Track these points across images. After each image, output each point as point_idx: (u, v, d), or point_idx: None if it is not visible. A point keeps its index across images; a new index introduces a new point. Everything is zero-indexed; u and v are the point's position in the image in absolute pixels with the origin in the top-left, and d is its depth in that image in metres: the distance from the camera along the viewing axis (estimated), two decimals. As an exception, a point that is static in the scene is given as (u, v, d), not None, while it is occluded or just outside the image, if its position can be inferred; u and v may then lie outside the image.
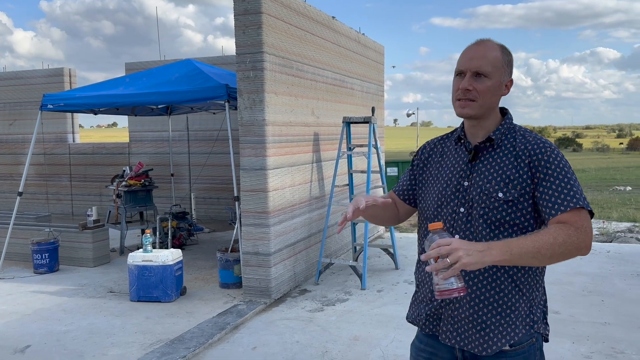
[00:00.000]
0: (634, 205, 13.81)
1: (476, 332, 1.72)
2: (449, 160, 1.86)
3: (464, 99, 1.74)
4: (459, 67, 1.76)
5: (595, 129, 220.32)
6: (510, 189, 1.68)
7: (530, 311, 1.74)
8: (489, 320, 1.71)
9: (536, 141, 1.72)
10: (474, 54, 1.74)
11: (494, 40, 1.78)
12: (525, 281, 1.72)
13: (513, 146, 1.74)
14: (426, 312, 1.84)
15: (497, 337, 1.71)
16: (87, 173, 11.18)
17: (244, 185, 5.31)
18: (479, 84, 1.72)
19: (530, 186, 1.68)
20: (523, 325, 1.72)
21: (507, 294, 1.70)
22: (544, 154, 1.68)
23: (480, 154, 1.78)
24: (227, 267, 5.77)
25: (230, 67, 8.32)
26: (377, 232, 8.78)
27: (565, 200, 1.62)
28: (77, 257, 6.87)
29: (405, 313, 5.27)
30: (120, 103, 6.54)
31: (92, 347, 4.30)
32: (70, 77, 11.27)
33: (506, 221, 1.68)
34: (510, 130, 1.78)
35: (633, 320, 4.74)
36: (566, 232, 1.57)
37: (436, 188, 1.85)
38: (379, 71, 8.92)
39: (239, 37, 5.14)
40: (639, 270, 6.44)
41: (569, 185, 1.64)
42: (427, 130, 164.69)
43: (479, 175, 1.75)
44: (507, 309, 1.70)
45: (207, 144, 10.15)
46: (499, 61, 1.74)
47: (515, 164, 1.70)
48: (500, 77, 1.74)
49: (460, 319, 1.74)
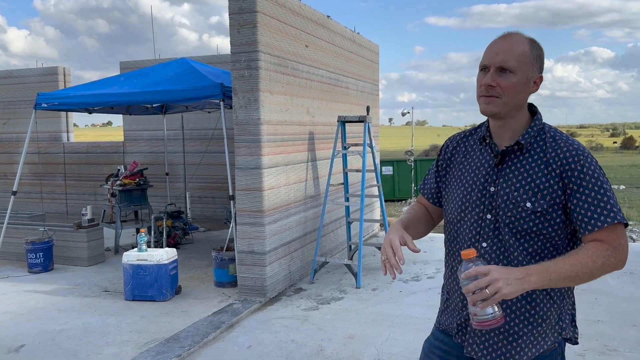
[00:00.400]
0: (627, 203, 13.89)
1: (507, 343, 1.66)
2: (473, 161, 1.75)
3: (487, 95, 1.62)
4: (483, 61, 1.65)
5: (590, 128, 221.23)
6: (539, 199, 1.59)
7: (559, 318, 1.69)
8: (520, 330, 1.65)
9: (568, 147, 1.61)
10: (499, 48, 1.62)
11: (522, 34, 1.66)
12: (557, 289, 1.66)
13: (543, 151, 1.63)
14: (457, 322, 1.77)
15: (527, 347, 1.65)
16: (81, 172, 11.15)
17: (239, 184, 5.31)
18: (503, 79, 1.60)
19: (561, 197, 1.59)
20: (552, 332, 1.67)
21: (539, 303, 1.65)
22: (577, 163, 1.58)
23: (507, 158, 1.67)
24: (222, 266, 5.77)
25: (225, 66, 8.32)
26: (372, 231, 8.80)
27: (602, 215, 1.55)
28: (72, 256, 6.85)
29: (400, 312, 5.29)
30: (115, 102, 6.53)
31: (87, 347, 4.29)
32: (65, 76, 11.22)
33: (533, 231, 1.60)
34: (540, 133, 1.67)
35: (626, 318, 4.77)
36: (604, 253, 1.53)
37: (460, 191, 1.75)
38: (374, 70, 8.93)
39: (234, 36, 5.14)
40: (632, 268, 6.48)
41: (605, 198, 1.56)
42: (422, 129, 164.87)
43: (505, 182, 1.65)
44: (539, 318, 1.65)
45: (202, 143, 10.14)
46: (526, 56, 1.61)
47: (546, 172, 1.60)
48: (527, 73, 1.62)
49: (490, 330, 1.67)
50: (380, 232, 8.99)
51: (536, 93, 1.72)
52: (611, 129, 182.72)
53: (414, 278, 6.14)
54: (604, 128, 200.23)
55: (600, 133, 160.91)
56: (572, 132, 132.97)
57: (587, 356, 4.00)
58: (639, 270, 6.36)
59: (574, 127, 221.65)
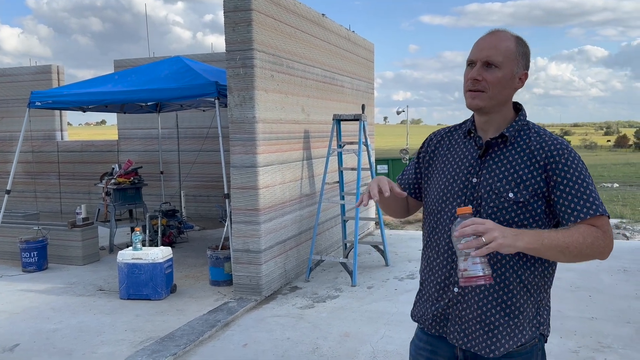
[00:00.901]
0: (621, 201, 13.96)
1: (484, 333, 1.67)
2: (457, 154, 1.79)
3: (473, 89, 1.67)
4: (470, 56, 1.70)
5: (583, 126, 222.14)
6: (522, 190, 1.62)
7: (537, 312, 1.70)
8: (497, 321, 1.66)
9: (552, 141, 1.66)
10: (486, 44, 1.67)
11: (509, 31, 1.71)
12: (533, 282, 1.68)
13: (527, 145, 1.67)
14: (432, 312, 1.78)
15: (504, 338, 1.66)
16: (75, 171, 11.10)
17: (234, 183, 5.31)
18: (489, 74, 1.65)
19: (543, 188, 1.62)
20: (530, 327, 1.68)
21: (516, 294, 1.66)
22: (561, 156, 1.62)
23: (491, 150, 1.71)
24: (217, 265, 5.76)
25: (220, 64, 8.30)
26: (367, 229, 8.81)
27: (585, 207, 1.58)
28: (66, 255, 6.83)
29: (395, 309, 5.30)
30: (109, 100, 6.50)
31: (82, 346, 4.28)
32: (59, 75, 11.17)
33: (515, 222, 1.62)
34: (524, 128, 1.71)
35: (619, 315, 4.80)
36: (595, 234, 1.56)
37: (441, 182, 1.78)
38: (369, 69, 8.94)
39: (229, 34, 5.13)
40: (625, 265, 6.52)
41: (588, 191, 1.59)
42: (417, 127, 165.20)
43: (489, 173, 1.68)
44: (516, 310, 1.66)
45: (197, 142, 10.11)
46: (512, 52, 1.66)
47: (529, 164, 1.64)
48: (513, 68, 1.66)
49: (468, 319, 1.69)
50: (376, 230, 9.00)
51: (530, 92, 1.74)
52: (605, 127, 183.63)
53: (409, 276, 6.15)
54: (597, 126, 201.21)
55: (594, 131, 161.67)
56: (566, 131, 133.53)
57: (581, 353, 4.03)
58: (632, 268, 6.40)
59: (568, 125, 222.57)
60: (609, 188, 18.27)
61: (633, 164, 31.88)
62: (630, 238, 8.73)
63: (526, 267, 1.65)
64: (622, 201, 14.04)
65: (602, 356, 3.97)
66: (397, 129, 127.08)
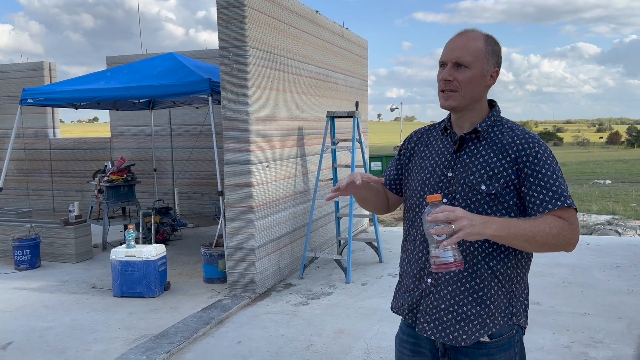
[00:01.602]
0: (613, 198, 14.05)
1: (455, 322, 1.72)
2: (434, 150, 1.85)
3: (446, 89, 1.73)
4: (442, 58, 1.76)
5: (576, 123, 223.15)
6: (494, 182, 1.67)
7: (510, 303, 1.74)
8: (469, 311, 1.71)
9: (524, 135, 1.71)
10: (455, 44, 1.73)
11: (479, 30, 1.76)
12: (504, 273, 1.71)
13: (499, 139, 1.72)
14: (408, 303, 1.84)
15: (475, 327, 1.70)
16: (68, 168, 11.04)
17: (227, 180, 5.30)
18: (460, 74, 1.70)
19: (514, 181, 1.67)
20: (502, 316, 1.72)
21: (487, 285, 1.70)
22: (532, 149, 1.67)
23: (465, 145, 1.76)
24: (211, 262, 5.75)
25: (213, 61, 8.27)
26: (361, 226, 8.82)
27: (554, 199, 1.63)
28: (59, 253, 6.79)
29: (389, 306, 5.31)
30: (101, 97, 6.47)
31: (75, 343, 4.27)
32: (51, 71, 11.10)
33: (487, 214, 1.67)
34: (497, 123, 1.77)
35: (611, 311, 4.84)
36: (561, 225, 1.60)
37: (420, 177, 1.84)
38: (363, 66, 8.94)
39: (222, 31, 5.11)
40: (617, 261, 6.57)
41: (557, 183, 1.64)
42: (411, 125, 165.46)
43: (463, 167, 1.74)
44: (487, 299, 1.70)
45: (190, 139, 10.08)
46: (481, 51, 1.71)
47: (501, 157, 1.69)
48: (483, 67, 1.72)
49: (440, 309, 1.74)
50: (370, 227, 9.02)
51: (523, 89, 1.77)
52: (597, 124, 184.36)
53: (403, 273, 6.17)
54: (590, 123, 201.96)
55: (586, 128, 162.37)
56: (559, 128, 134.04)
57: (574, 348, 4.05)
58: (624, 264, 6.45)
59: (561, 122, 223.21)
60: (602, 185, 18.37)
61: (625, 161, 32.08)
62: (622, 234, 8.79)
63: (498, 257, 1.70)
64: (615, 198, 14.12)
65: (595, 351, 4.00)
66: (391, 126, 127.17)
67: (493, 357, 1.73)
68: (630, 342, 4.15)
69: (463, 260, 1.53)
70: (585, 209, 11.65)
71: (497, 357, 1.73)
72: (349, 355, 4.00)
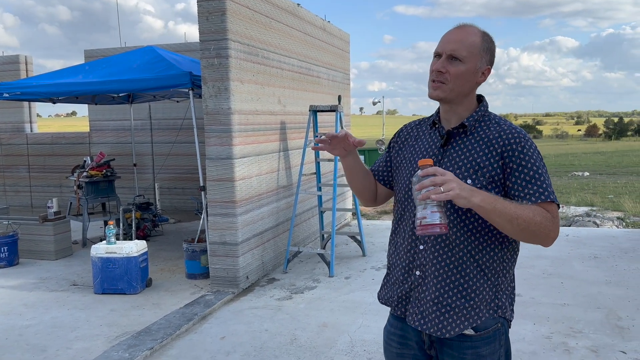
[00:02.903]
0: (591, 190, 14.28)
1: (440, 314, 1.74)
2: (422, 144, 1.86)
3: (436, 80, 1.74)
4: (437, 49, 1.76)
5: (555, 116, 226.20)
6: (480, 177, 1.68)
7: (495, 296, 1.75)
8: (453, 303, 1.72)
9: (510, 130, 1.72)
10: (452, 37, 1.74)
11: (476, 26, 1.77)
12: (490, 266, 1.73)
13: (486, 134, 1.74)
14: (398, 294, 1.85)
15: (460, 319, 1.72)
16: (46, 164, 10.86)
17: (210, 175, 5.25)
18: (452, 67, 1.71)
19: (500, 175, 1.68)
20: (487, 309, 1.74)
21: (472, 277, 1.72)
22: (517, 144, 1.68)
23: (452, 140, 1.78)
24: (193, 258, 5.71)
25: (194, 54, 8.19)
26: (344, 220, 8.83)
27: (538, 192, 1.64)
28: (38, 250, 6.68)
29: (372, 299, 5.32)
30: (79, 91, 6.35)
31: (56, 342, 4.21)
32: (27, 65, 10.90)
33: None
34: (484, 118, 1.78)
35: (590, 301, 4.92)
36: (545, 215, 1.62)
37: (408, 170, 1.85)
38: (345, 59, 8.92)
39: (203, 24, 5.06)
40: (596, 252, 6.68)
41: (542, 178, 1.66)
42: (393, 118, 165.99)
43: (449, 161, 1.75)
44: (472, 292, 1.72)
45: (171, 133, 9.98)
46: (477, 47, 1.73)
47: (487, 152, 1.70)
48: (476, 63, 1.73)
49: (426, 301, 1.76)
50: (353, 221, 9.04)
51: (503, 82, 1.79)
52: (576, 117, 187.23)
53: (385, 266, 6.19)
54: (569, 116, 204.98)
55: (565, 121, 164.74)
56: (538, 120, 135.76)
57: (554, 338, 4.12)
58: (603, 255, 6.56)
59: (540, 115, 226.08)
60: (580, 177, 18.66)
61: (603, 153, 32.62)
62: (600, 225, 8.94)
63: (484, 250, 1.72)
64: (593, 189, 14.36)
65: (574, 341, 4.06)
66: (373, 119, 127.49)
67: (478, 350, 1.74)
68: (609, 331, 4.23)
69: (448, 225, 1.55)
70: (564, 201, 11.82)
71: (482, 350, 1.74)
72: (333, 349, 4.01)
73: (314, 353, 3.95)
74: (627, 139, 62.39)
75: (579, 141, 59.89)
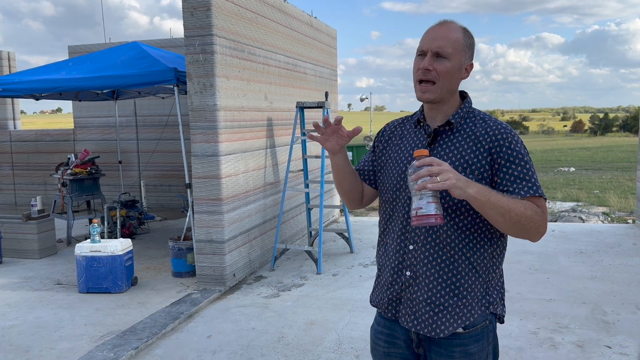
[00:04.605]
0: (577, 185, 14.40)
1: (433, 314, 1.73)
2: (408, 143, 1.84)
3: (424, 79, 1.71)
4: (421, 46, 1.74)
5: (541, 112, 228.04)
6: (469, 174, 1.67)
7: (486, 292, 1.75)
8: (446, 302, 1.71)
9: (497, 126, 1.72)
10: (437, 34, 1.71)
11: (457, 22, 1.76)
12: (482, 262, 1.73)
13: (473, 130, 1.73)
14: (388, 296, 1.83)
15: (453, 318, 1.72)
16: (30, 161, 10.72)
17: (195, 172, 5.20)
18: (439, 64, 1.70)
19: (488, 171, 1.68)
20: (479, 306, 1.74)
21: (465, 275, 1.71)
22: (505, 140, 1.68)
23: (439, 138, 1.76)
24: (179, 256, 5.66)
25: (179, 50, 8.10)
26: (332, 217, 8.82)
27: (526, 187, 1.65)
28: (22, 248, 6.59)
29: (360, 296, 5.32)
30: (63, 88, 6.25)
31: (40, 342, 4.15)
32: (10, 61, 10.73)
33: (463, 205, 1.67)
34: (470, 114, 1.77)
35: (576, 296, 4.95)
36: (535, 209, 1.63)
37: (394, 171, 1.83)
38: (332, 55, 8.89)
39: (187, 20, 5.00)
40: (581, 248, 6.73)
41: (530, 173, 1.67)
42: (381, 114, 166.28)
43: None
44: (464, 290, 1.71)
45: (157, 130, 9.89)
46: (460, 43, 1.72)
47: (475, 149, 1.70)
48: (461, 59, 1.72)
49: (418, 302, 1.75)
50: (341, 217, 9.03)
51: (489, 78, 1.78)
52: (562, 113, 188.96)
53: (373, 262, 6.19)
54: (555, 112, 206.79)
55: (551, 117, 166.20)
56: (524, 117, 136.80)
57: (540, 334, 4.13)
58: (588, 250, 6.61)
59: (527, 111, 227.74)
60: (566, 172, 18.82)
61: (588, 149, 32.93)
62: (586, 221, 9.02)
63: (475, 248, 1.72)
64: (579, 185, 14.48)
65: (560, 336, 4.08)
66: (361, 115, 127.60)
67: (467, 347, 1.73)
68: (594, 326, 4.26)
69: (443, 215, 1.54)
70: (550, 196, 11.91)
71: (471, 347, 1.74)
72: (321, 347, 3.99)
73: (301, 351, 3.93)
74: (612, 134, 63.09)
75: (565, 137, 60.44)
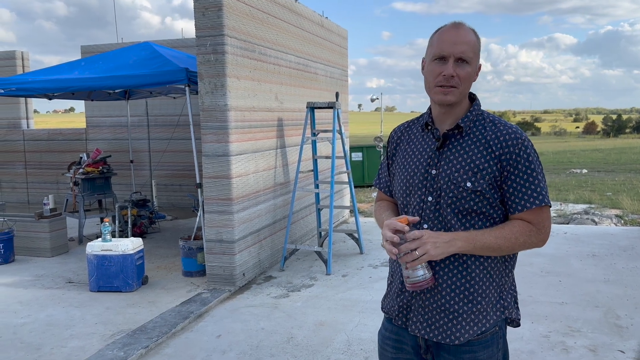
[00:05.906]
0: (589, 187, 14.26)
1: (448, 321, 1.70)
2: (416, 147, 1.81)
3: (447, 85, 1.67)
4: (441, 51, 1.66)
5: (553, 113, 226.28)
6: (479, 179, 1.65)
7: (500, 297, 1.73)
8: (460, 309, 1.69)
9: (507, 131, 1.68)
10: (457, 38, 1.66)
11: (466, 23, 1.73)
12: (495, 267, 1.71)
13: (483, 135, 1.70)
14: (398, 304, 1.81)
15: (469, 325, 1.69)
16: (42, 160, 10.81)
17: (206, 172, 5.22)
18: (461, 70, 1.66)
19: (497, 178, 1.66)
20: (494, 311, 1.71)
21: (478, 281, 1.69)
22: (515, 147, 1.65)
23: (448, 142, 1.73)
24: (190, 255, 5.68)
25: (191, 50, 8.13)
26: (342, 218, 8.80)
27: (532, 197, 1.65)
28: (34, 247, 6.65)
29: (369, 297, 5.31)
30: (75, 87, 6.31)
31: (51, 340, 4.17)
32: (24, 61, 10.84)
33: (474, 210, 1.66)
34: (479, 117, 1.74)
35: (588, 300, 4.89)
36: (528, 232, 1.65)
37: (404, 176, 1.80)
38: (343, 56, 8.88)
39: (199, 20, 5.01)
40: (594, 250, 6.66)
41: (536, 182, 1.66)
42: (391, 115, 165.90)
43: (447, 164, 1.71)
44: (478, 296, 1.69)
45: (168, 130, 9.93)
46: (477, 46, 1.70)
47: (485, 154, 1.67)
48: (476, 62, 1.72)
49: (432, 309, 1.72)
50: (350, 218, 9.01)
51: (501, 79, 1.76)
52: (574, 114, 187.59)
53: (383, 264, 6.17)
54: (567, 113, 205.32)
55: (563, 118, 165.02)
56: (536, 118, 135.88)
57: (552, 337, 4.09)
58: (601, 253, 6.54)
59: (539, 112, 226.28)
60: (578, 174, 18.65)
61: (601, 150, 32.62)
62: (598, 223, 8.92)
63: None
64: (591, 187, 14.34)
65: (572, 340, 4.04)
66: (371, 116, 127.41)
67: (476, 354, 1.71)
68: (607, 330, 4.21)
69: (433, 277, 1.66)
70: (562, 198, 11.80)
71: (480, 354, 1.71)
72: (330, 348, 3.98)
73: (310, 352, 3.92)
74: (625, 136, 62.43)
75: (577, 138, 59.91)
